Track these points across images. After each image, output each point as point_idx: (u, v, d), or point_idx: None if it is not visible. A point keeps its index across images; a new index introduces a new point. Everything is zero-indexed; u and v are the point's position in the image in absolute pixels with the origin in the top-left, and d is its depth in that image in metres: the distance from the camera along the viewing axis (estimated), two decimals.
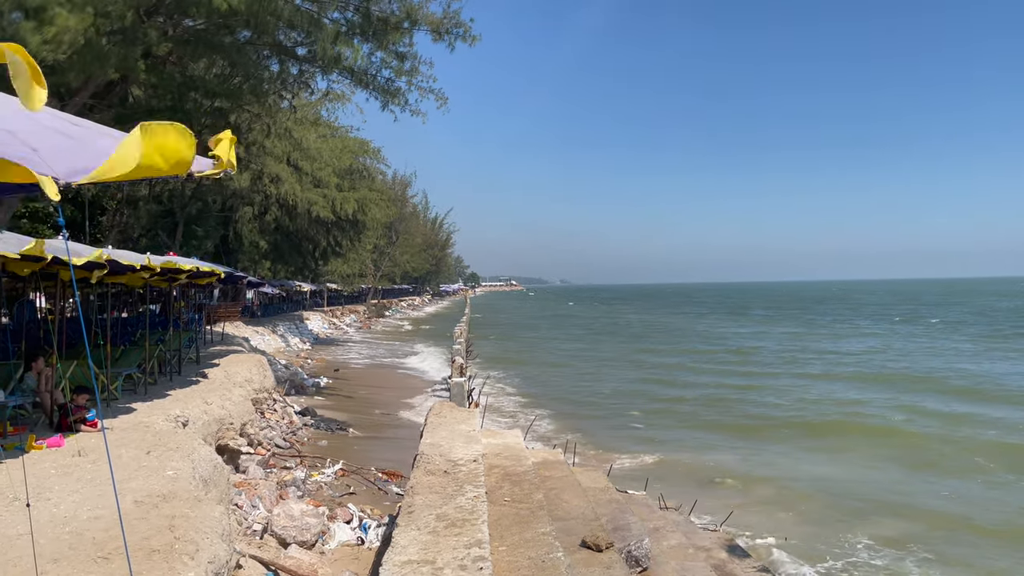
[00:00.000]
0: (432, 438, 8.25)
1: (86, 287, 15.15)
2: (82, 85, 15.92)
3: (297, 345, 37.83)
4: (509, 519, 6.33)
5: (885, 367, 35.56)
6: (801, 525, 12.69)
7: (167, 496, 6.36)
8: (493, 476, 7.69)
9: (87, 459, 7.55)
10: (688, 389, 29.24)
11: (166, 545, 5.19)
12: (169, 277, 13.93)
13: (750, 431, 20.86)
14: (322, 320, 54.22)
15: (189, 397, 12.28)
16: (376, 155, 50.57)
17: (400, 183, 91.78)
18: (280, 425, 15.91)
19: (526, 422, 19.71)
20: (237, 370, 16.36)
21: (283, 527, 8.39)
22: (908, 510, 13.67)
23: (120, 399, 11.57)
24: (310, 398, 21.73)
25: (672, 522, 10.76)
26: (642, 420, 22.79)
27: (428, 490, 6.24)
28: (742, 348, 46.86)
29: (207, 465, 7.90)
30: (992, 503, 14.17)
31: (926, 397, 26.21)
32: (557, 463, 10.07)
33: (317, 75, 21.24)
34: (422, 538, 5.05)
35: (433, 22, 18.06)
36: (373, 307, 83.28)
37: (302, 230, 43.89)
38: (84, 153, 3.05)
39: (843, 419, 22.58)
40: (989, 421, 21.72)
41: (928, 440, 19.53)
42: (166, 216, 36.94)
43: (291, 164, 38.40)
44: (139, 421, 9.89)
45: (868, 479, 15.89)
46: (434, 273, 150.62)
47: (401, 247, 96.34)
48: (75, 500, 6.17)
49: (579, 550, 6.52)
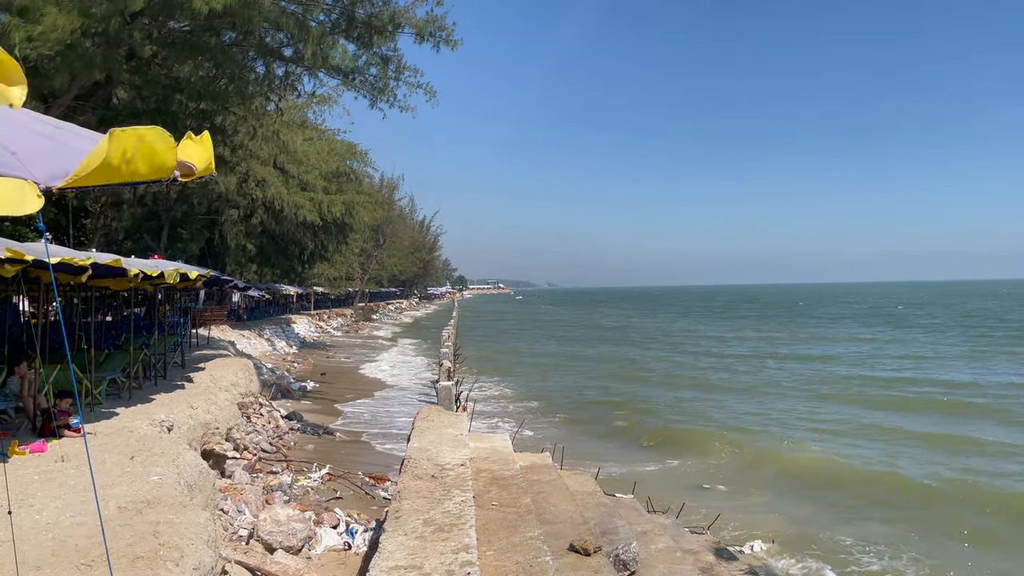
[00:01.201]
0: (420, 442, 8.22)
1: (70, 291, 15.02)
2: (66, 87, 15.80)
3: (284, 349, 37.65)
4: (497, 523, 6.31)
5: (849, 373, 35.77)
6: (789, 527, 12.72)
7: (151, 502, 6.30)
8: (481, 480, 7.67)
9: (70, 464, 7.47)
10: (673, 391, 29.33)
11: (150, 551, 5.14)
12: (154, 281, 13.81)
13: (734, 434, 20.91)
14: (309, 324, 53.99)
15: (174, 401, 12.19)
16: (363, 158, 50.51)
17: (387, 186, 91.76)
18: (266, 429, 15.81)
19: (514, 426, 19.69)
20: (223, 374, 16.26)
21: (269, 532, 8.34)
22: (896, 510, 13.76)
23: (104, 404, 11.47)
24: (296, 402, 21.62)
25: (660, 525, 10.76)
26: (628, 422, 22.80)
27: (415, 495, 6.20)
28: (730, 353, 47.05)
29: (192, 470, 7.83)
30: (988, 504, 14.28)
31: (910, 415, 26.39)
32: (545, 467, 10.05)
33: (304, 76, 21.19)
34: (409, 543, 5.02)
35: (416, 24, 18.16)
36: (360, 310, 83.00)
37: (289, 233, 43.69)
38: (65, 156, 3.01)
39: (826, 426, 22.67)
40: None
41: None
42: (151, 219, 36.68)
43: (278, 167, 38.22)
44: (123, 426, 9.80)
45: (857, 481, 15.95)
46: (422, 276, 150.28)
47: (388, 250, 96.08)
48: (58, 506, 6.11)
49: (567, 554, 6.50)
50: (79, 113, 17.24)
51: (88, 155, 2.91)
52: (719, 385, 31.24)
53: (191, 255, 36.86)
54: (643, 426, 22.10)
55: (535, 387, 30.58)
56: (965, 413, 23.79)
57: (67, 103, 16.52)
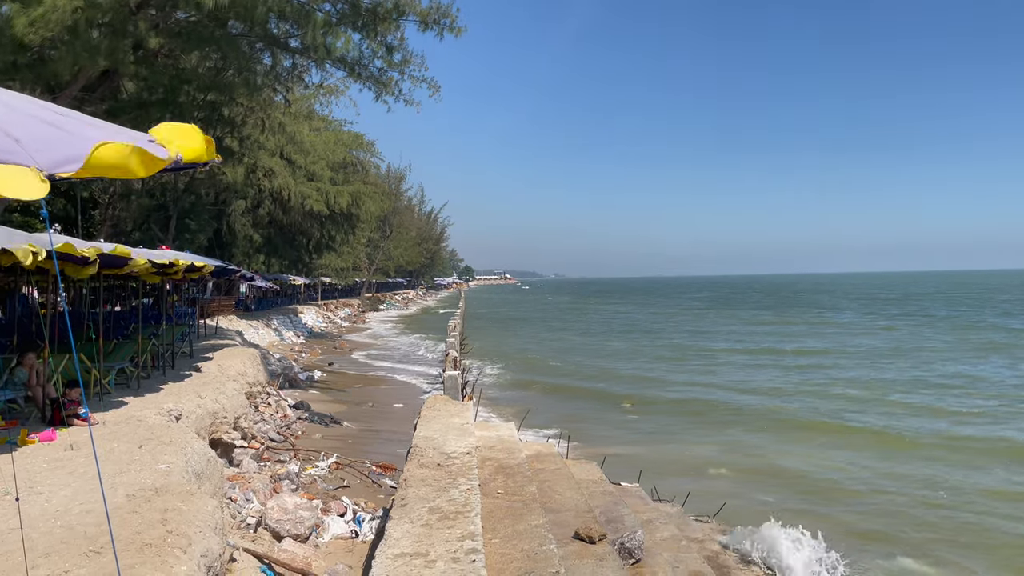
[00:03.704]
0: (426, 431, 8.25)
1: (78, 281, 15.09)
2: (72, 78, 15.84)
3: (291, 339, 37.80)
4: (502, 511, 6.34)
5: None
6: (795, 516, 12.71)
7: (159, 490, 6.35)
8: (486, 469, 7.70)
9: (79, 453, 7.52)
10: (679, 381, 29.33)
11: (158, 539, 5.17)
12: (162, 271, 13.86)
13: (738, 423, 20.90)
14: (316, 314, 54.16)
15: (182, 391, 12.26)
16: (370, 148, 50.54)
17: (395, 176, 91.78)
18: (274, 419, 15.88)
19: (520, 414, 19.71)
20: (231, 364, 16.33)
21: (277, 520, 8.38)
22: (897, 503, 13.75)
23: (113, 393, 11.54)
24: (304, 392, 21.71)
25: (665, 514, 10.78)
26: (635, 412, 22.83)
27: (421, 483, 6.23)
28: (741, 348, 46.98)
29: (200, 459, 7.88)
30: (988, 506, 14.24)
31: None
32: (550, 455, 10.08)
33: (311, 68, 21.20)
34: (415, 531, 5.05)
35: (420, 12, 18.21)
36: (367, 301, 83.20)
37: (296, 224, 43.82)
38: (70, 143, 3.01)
39: (831, 414, 22.63)
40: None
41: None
42: (159, 210, 36.80)
43: (284, 158, 38.30)
44: (131, 415, 9.87)
45: (855, 471, 15.93)
46: (428, 267, 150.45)
47: (395, 241, 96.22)
48: (67, 494, 6.16)
49: (572, 542, 6.53)
50: (86, 104, 17.26)
51: (91, 154, 2.92)
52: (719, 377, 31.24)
53: (199, 245, 36.99)
54: (649, 414, 22.14)
55: (543, 376, 30.63)
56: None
57: (74, 94, 16.55)
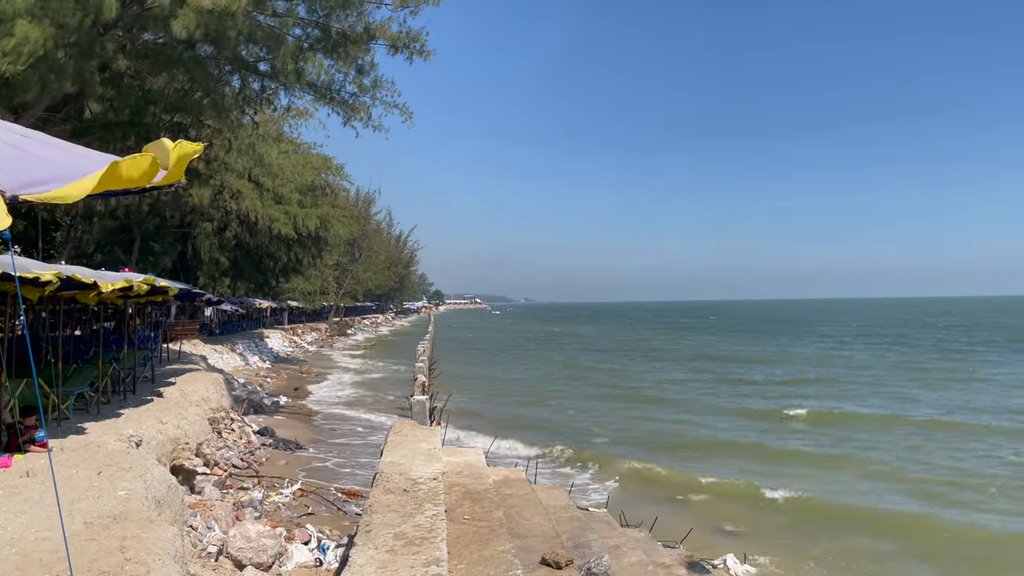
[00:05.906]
0: (392, 456, 8.19)
1: (37, 304, 14.79)
2: (36, 98, 15.63)
3: (256, 363, 37.29)
4: (468, 537, 6.31)
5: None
6: (762, 541, 12.80)
7: (118, 517, 6.23)
8: (453, 494, 7.66)
9: (36, 480, 7.35)
10: (650, 406, 29.47)
11: (116, 567, 5.07)
12: (124, 294, 13.64)
13: (707, 450, 21.05)
14: (282, 338, 53.56)
15: (143, 416, 12.04)
16: (339, 172, 50.40)
17: (364, 200, 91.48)
18: (238, 445, 15.63)
19: (488, 440, 19.64)
20: (194, 389, 16.08)
21: (239, 549, 8.24)
22: (872, 527, 13.89)
23: (72, 418, 11.29)
24: (269, 417, 21.41)
25: (632, 539, 10.79)
26: (604, 437, 22.86)
27: (387, 508, 6.18)
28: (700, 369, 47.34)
29: (161, 486, 7.74)
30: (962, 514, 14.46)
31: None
32: (518, 481, 10.05)
33: (280, 91, 21.16)
34: (379, 557, 5.01)
35: (391, 36, 18.39)
36: (335, 325, 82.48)
37: (263, 247, 43.39)
38: (35, 166, 3.00)
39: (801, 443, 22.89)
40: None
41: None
42: (122, 232, 36.23)
43: (252, 180, 38.00)
44: (91, 441, 9.67)
45: (832, 497, 16.08)
46: (398, 290, 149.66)
47: (364, 264, 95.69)
48: (23, 521, 6.01)
49: (539, 568, 6.51)
50: (50, 124, 17.03)
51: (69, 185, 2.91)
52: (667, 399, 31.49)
53: (163, 268, 36.44)
54: (617, 439, 22.19)
55: (511, 402, 30.57)
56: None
57: (37, 114, 16.33)
